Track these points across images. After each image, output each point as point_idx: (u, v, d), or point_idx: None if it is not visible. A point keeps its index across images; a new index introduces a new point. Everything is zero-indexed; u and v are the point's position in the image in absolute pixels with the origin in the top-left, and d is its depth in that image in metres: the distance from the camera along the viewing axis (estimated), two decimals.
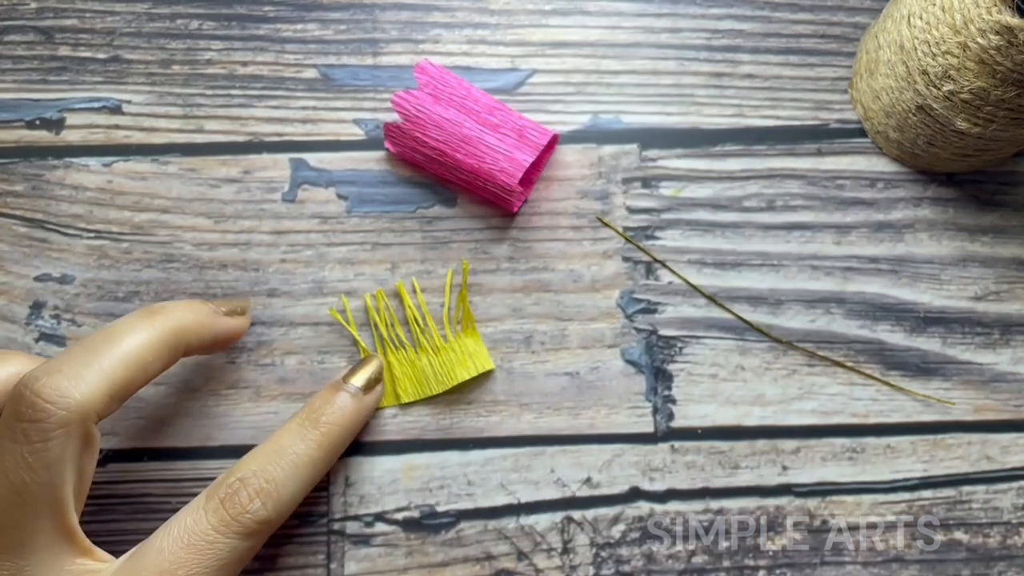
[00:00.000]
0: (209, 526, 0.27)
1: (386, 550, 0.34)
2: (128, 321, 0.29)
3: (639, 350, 0.36)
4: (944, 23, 0.32)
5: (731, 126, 0.38)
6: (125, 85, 0.37)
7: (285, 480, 0.29)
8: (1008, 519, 0.35)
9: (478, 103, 0.36)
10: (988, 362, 0.36)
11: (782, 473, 0.35)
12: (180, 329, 0.29)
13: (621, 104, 0.38)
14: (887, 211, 0.37)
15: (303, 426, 0.31)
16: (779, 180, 0.38)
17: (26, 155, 0.37)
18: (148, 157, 0.37)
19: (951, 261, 0.37)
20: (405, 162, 0.37)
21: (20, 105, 0.37)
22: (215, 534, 0.27)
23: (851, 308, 0.36)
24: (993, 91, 0.31)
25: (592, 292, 0.36)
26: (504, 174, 0.35)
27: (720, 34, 0.39)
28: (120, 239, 0.36)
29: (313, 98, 0.38)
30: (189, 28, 0.38)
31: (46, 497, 0.25)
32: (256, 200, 0.37)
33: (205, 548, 0.27)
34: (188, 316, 0.30)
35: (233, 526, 0.27)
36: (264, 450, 0.30)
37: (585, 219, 0.37)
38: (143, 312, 0.29)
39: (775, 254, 0.37)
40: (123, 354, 0.27)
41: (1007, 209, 0.38)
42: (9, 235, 0.36)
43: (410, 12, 0.39)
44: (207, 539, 0.27)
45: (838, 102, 0.38)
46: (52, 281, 0.36)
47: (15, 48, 0.38)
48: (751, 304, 0.36)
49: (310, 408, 0.31)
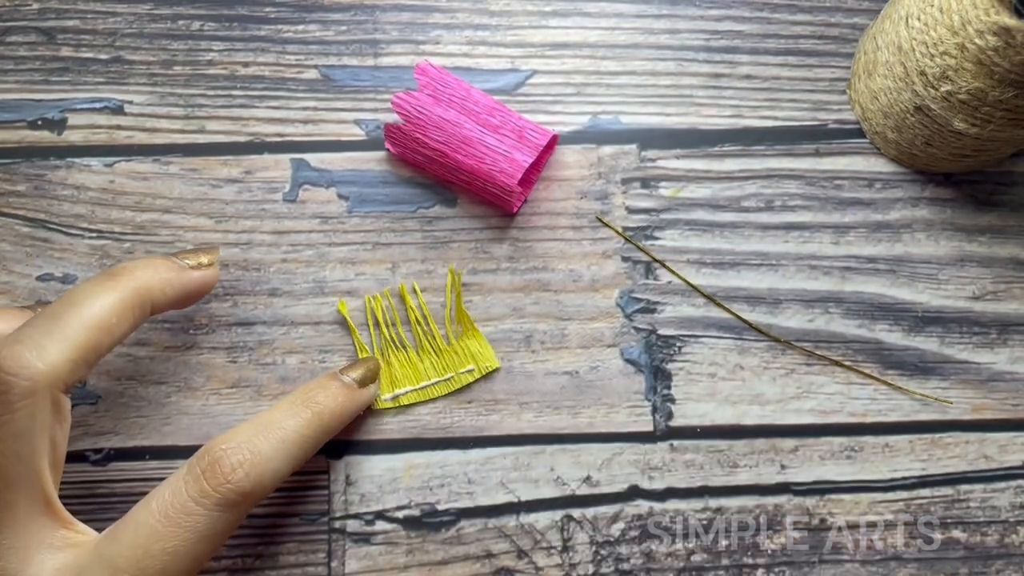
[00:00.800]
0: (188, 497, 0.27)
1: (387, 548, 0.34)
2: (89, 285, 0.28)
3: (638, 349, 0.36)
4: (942, 24, 0.32)
5: (730, 127, 0.38)
6: (127, 86, 0.38)
7: (271, 454, 0.28)
8: (1006, 518, 0.35)
9: (478, 104, 0.36)
10: (986, 361, 0.36)
11: (781, 472, 0.35)
12: (144, 288, 0.29)
13: (620, 105, 0.38)
14: (885, 211, 0.37)
15: (294, 405, 0.30)
16: (777, 180, 0.38)
17: (28, 155, 0.37)
18: (150, 157, 0.37)
19: (949, 261, 0.37)
20: (405, 163, 0.37)
21: (22, 105, 0.37)
22: (194, 505, 0.26)
23: (849, 308, 0.37)
24: (991, 92, 0.32)
25: (592, 292, 0.36)
26: (504, 175, 0.35)
27: (719, 35, 0.39)
28: (122, 239, 0.36)
29: (314, 99, 0.38)
30: (191, 29, 0.38)
31: (18, 469, 0.25)
32: (257, 200, 0.37)
33: (183, 520, 0.26)
34: (151, 274, 0.30)
35: (213, 497, 0.27)
36: (253, 423, 0.29)
37: (585, 219, 0.37)
38: (104, 275, 0.29)
39: (773, 254, 0.37)
40: (86, 319, 0.27)
41: (1005, 209, 0.38)
42: (11, 235, 0.36)
43: (411, 13, 0.39)
44: (186, 510, 0.26)
45: (836, 103, 0.38)
46: (54, 281, 0.36)
47: (17, 49, 0.38)
48: (750, 304, 0.37)
49: (304, 389, 0.31)
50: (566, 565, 0.34)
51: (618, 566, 0.34)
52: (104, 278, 0.29)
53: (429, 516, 0.34)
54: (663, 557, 0.34)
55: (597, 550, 0.34)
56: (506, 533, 0.34)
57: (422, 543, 0.34)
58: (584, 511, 0.35)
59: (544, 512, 0.35)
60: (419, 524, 0.34)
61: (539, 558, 0.34)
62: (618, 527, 0.35)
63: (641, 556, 0.34)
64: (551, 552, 0.34)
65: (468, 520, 0.35)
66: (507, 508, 0.35)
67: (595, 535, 0.35)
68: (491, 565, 0.34)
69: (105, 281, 0.28)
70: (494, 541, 0.34)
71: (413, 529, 0.34)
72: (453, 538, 0.34)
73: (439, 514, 0.35)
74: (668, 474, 0.35)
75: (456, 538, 0.34)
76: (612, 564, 0.34)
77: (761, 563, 0.35)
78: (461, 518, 0.35)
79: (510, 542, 0.34)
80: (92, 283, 0.28)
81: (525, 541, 0.34)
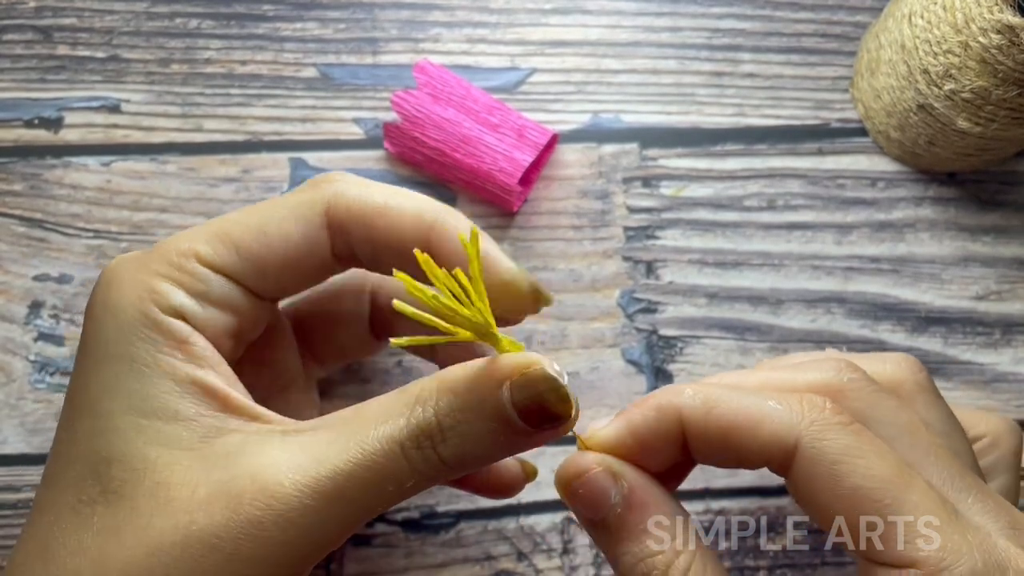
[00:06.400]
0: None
1: (386, 550, 0.34)
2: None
3: (639, 350, 0.36)
4: (945, 22, 0.32)
5: (732, 125, 0.38)
6: (124, 84, 0.37)
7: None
8: None
9: (477, 103, 0.36)
10: (989, 362, 0.36)
11: None
12: (333, 200, 0.26)
13: (621, 103, 0.38)
14: (888, 211, 0.37)
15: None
16: (780, 179, 0.37)
17: (24, 154, 0.37)
18: (147, 156, 0.37)
19: (952, 261, 0.37)
20: (404, 162, 0.37)
21: (18, 104, 0.37)
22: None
23: (852, 308, 0.36)
24: (994, 90, 0.31)
25: (592, 292, 0.36)
26: (503, 174, 0.35)
27: (721, 33, 0.39)
28: (119, 238, 0.36)
29: (312, 97, 0.38)
30: (188, 27, 0.38)
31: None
32: (255, 199, 0.36)
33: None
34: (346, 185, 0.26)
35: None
36: None
37: (585, 218, 0.37)
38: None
39: (776, 254, 0.37)
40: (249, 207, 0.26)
41: (1008, 209, 0.37)
42: (8, 235, 0.36)
43: (410, 11, 0.39)
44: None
45: (839, 101, 0.38)
46: (51, 281, 0.36)
47: (14, 47, 0.38)
48: (752, 304, 0.36)
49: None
50: (566, 568, 0.34)
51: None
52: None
53: (428, 518, 0.34)
54: None
55: (598, 552, 0.34)
56: (506, 535, 0.34)
57: (421, 545, 0.34)
58: None
59: (544, 514, 0.34)
60: (418, 526, 0.34)
61: (539, 561, 0.34)
62: None
63: None
64: (551, 554, 0.34)
65: (468, 522, 0.34)
66: (507, 510, 0.34)
67: None
68: (491, 568, 0.34)
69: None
70: (494, 544, 0.34)
71: (412, 531, 0.34)
72: (452, 540, 0.34)
73: (438, 516, 0.34)
74: None
75: (455, 540, 0.34)
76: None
77: (763, 565, 0.34)
78: (461, 520, 0.34)
79: (510, 544, 0.34)
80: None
81: (525, 543, 0.34)
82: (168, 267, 0.24)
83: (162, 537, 0.22)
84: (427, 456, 0.23)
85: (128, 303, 0.24)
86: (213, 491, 0.22)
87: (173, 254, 0.24)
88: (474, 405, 0.22)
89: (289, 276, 0.26)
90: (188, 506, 0.22)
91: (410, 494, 0.23)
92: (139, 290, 0.24)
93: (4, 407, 0.34)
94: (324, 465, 0.22)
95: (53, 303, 0.35)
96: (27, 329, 0.35)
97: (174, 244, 0.25)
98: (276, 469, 0.22)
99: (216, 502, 0.22)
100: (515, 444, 0.23)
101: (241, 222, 0.25)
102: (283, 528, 0.22)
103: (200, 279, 0.24)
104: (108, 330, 0.24)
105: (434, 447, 0.23)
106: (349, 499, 0.22)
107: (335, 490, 0.22)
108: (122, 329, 0.24)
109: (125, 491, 0.22)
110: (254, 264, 0.25)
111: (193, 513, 0.22)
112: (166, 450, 0.23)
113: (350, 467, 0.22)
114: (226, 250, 0.25)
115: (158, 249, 0.25)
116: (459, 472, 0.24)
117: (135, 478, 0.22)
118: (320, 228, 0.26)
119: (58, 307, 0.35)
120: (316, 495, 0.22)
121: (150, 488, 0.22)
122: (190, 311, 0.24)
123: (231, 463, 0.23)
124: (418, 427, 0.23)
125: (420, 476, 0.23)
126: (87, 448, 0.23)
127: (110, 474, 0.23)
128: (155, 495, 0.22)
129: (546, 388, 0.22)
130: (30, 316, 0.35)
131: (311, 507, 0.22)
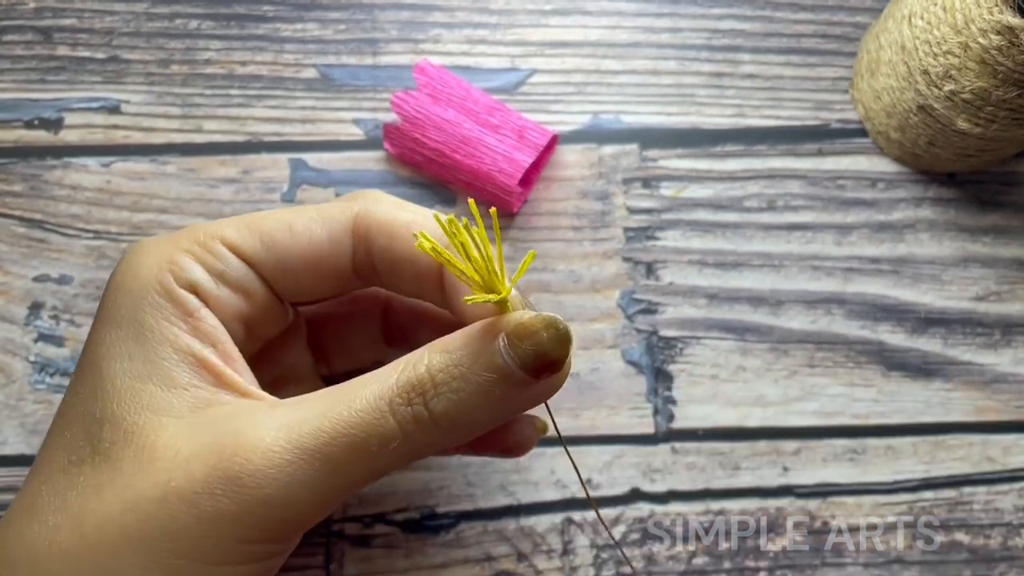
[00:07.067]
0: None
1: (386, 551, 0.34)
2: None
3: (639, 351, 0.36)
4: (945, 23, 0.32)
5: (732, 126, 0.38)
6: (124, 85, 0.37)
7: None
8: (1009, 520, 0.35)
9: (477, 103, 0.36)
10: (989, 363, 0.36)
11: (783, 474, 0.35)
12: (363, 211, 0.26)
13: (621, 104, 0.38)
14: (888, 211, 0.37)
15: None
16: (780, 180, 0.37)
17: (24, 155, 0.37)
18: (147, 157, 0.37)
19: (952, 262, 0.37)
20: (404, 163, 0.37)
21: (18, 105, 0.37)
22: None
23: (852, 309, 0.36)
24: (994, 91, 0.31)
25: (592, 292, 0.36)
26: (503, 175, 0.35)
27: (721, 34, 0.39)
28: (119, 239, 0.36)
29: (312, 98, 0.38)
30: (188, 28, 0.38)
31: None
32: (255, 200, 0.36)
33: None
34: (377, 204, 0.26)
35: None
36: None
37: (585, 219, 0.37)
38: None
39: (776, 254, 0.37)
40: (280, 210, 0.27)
41: (1008, 209, 0.37)
42: (8, 235, 0.36)
43: (410, 12, 0.38)
44: None
45: (839, 102, 0.38)
46: (51, 282, 0.36)
47: (13, 48, 0.38)
48: (752, 304, 0.36)
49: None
50: (567, 568, 0.34)
51: (619, 569, 0.34)
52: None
53: (428, 519, 0.34)
54: (664, 559, 0.34)
55: (598, 553, 0.34)
56: (506, 536, 0.34)
57: (421, 546, 0.34)
58: (585, 514, 0.35)
59: (544, 515, 0.34)
60: (418, 527, 0.34)
61: (539, 561, 0.34)
62: (619, 529, 0.34)
63: (642, 559, 0.34)
64: (551, 555, 0.34)
65: (468, 523, 0.34)
66: (507, 511, 0.34)
67: (596, 538, 0.34)
68: (491, 568, 0.34)
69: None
70: (494, 544, 0.34)
71: (412, 532, 0.34)
72: (452, 541, 0.34)
73: (438, 517, 0.34)
74: (669, 476, 0.35)
75: (456, 541, 0.34)
76: (613, 567, 0.34)
77: (763, 566, 0.34)
78: (461, 521, 0.34)
79: (510, 545, 0.34)
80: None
81: (525, 544, 0.34)
82: (192, 243, 0.25)
83: (140, 494, 0.22)
84: (417, 413, 0.22)
85: (147, 271, 0.24)
86: (195, 451, 0.22)
87: (200, 233, 0.25)
88: (468, 358, 0.22)
89: (308, 275, 0.26)
90: (169, 465, 0.22)
91: (400, 462, 0.23)
92: (160, 260, 0.24)
93: (4, 408, 0.34)
94: (307, 423, 0.22)
95: (53, 304, 0.35)
96: (27, 330, 0.35)
97: (204, 226, 0.26)
98: (259, 427, 0.22)
99: (196, 460, 0.22)
100: (512, 398, 0.23)
101: (271, 216, 0.26)
102: (261, 484, 0.22)
103: (220, 258, 0.25)
104: (123, 295, 0.24)
105: (425, 403, 0.22)
106: (332, 458, 0.22)
107: (317, 448, 0.22)
108: (135, 294, 0.24)
109: (112, 453, 0.23)
110: (276, 255, 0.26)
111: (173, 471, 0.22)
112: (155, 416, 0.23)
113: (333, 424, 0.22)
114: (252, 237, 0.26)
115: (188, 229, 0.26)
116: (450, 436, 0.23)
117: (123, 440, 0.23)
118: (345, 232, 0.26)
119: (58, 308, 0.35)
120: (296, 450, 0.22)
121: (135, 451, 0.22)
122: (204, 287, 0.25)
123: (216, 428, 0.23)
124: (408, 382, 0.22)
125: (408, 437, 0.22)
126: (84, 409, 0.24)
127: (101, 435, 0.23)
128: (139, 458, 0.22)
129: (543, 327, 0.22)
130: (30, 317, 0.35)
131: (291, 463, 0.22)
